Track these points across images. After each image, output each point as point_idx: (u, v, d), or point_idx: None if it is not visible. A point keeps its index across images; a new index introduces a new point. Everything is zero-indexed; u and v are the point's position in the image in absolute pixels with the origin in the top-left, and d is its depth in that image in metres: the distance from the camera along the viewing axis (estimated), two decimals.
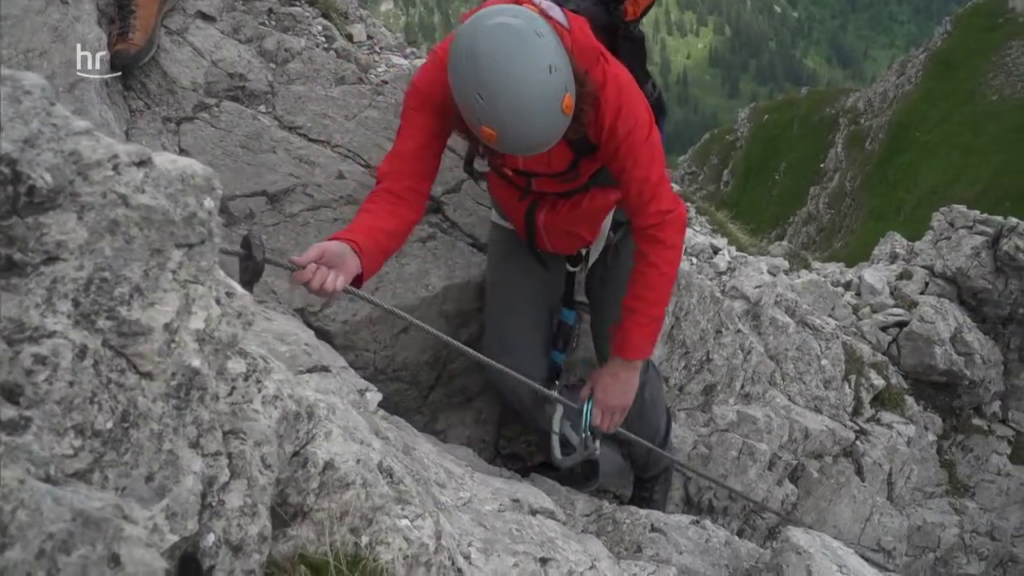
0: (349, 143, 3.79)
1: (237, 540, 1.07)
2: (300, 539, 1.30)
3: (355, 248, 2.66)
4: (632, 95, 2.95)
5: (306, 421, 1.33)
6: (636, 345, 3.28)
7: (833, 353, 6.35)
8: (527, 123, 2.63)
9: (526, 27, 2.55)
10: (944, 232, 8.63)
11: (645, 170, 3.01)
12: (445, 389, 4.08)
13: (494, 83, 2.54)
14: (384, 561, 1.39)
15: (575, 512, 3.52)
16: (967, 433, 8.35)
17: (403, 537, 1.51)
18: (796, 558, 3.10)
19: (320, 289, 2.48)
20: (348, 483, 1.39)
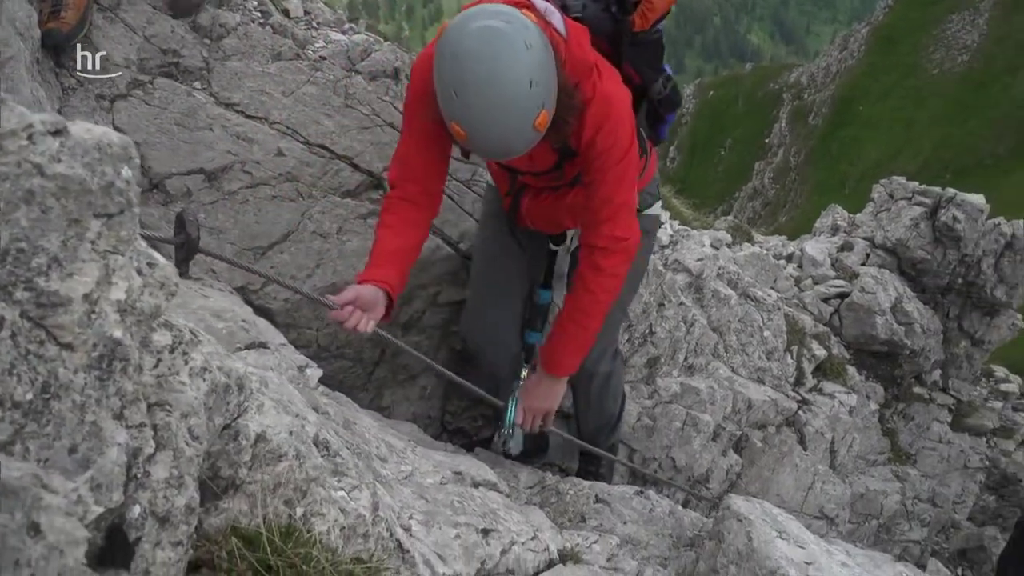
0: (287, 120, 3.76)
1: (163, 511, 1.07)
2: (233, 512, 1.30)
3: (388, 291, 2.88)
4: (617, 115, 2.96)
5: (236, 393, 1.32)
6: (564, 364, 3.38)
7: (775, 324, 6.44)
8: (496, 131, 2.64)
9: (516, 36, 2.52)
10: (884, 204, 8.78)
11: (611, 190, 3.04)
12: (389, 366, 4.08)
13: (471, 85, 2.53)
14: (319, 532, 1.40)
15: (519, 484, 3.55)
16: (908, 402, 8.53)
17: (339, 509, 1.52)
18: (737, 525, 3.16)
19: (353, 330, 2.75)
20: (281, 455, 1.39)
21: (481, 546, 2.24)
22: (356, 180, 3.77)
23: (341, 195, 3.74)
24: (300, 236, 3.61)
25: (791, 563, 2.99)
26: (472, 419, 4.53)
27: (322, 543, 1.36)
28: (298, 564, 1.24)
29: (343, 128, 3.82)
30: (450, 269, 3.98)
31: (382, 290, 2.86)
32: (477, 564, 2.17)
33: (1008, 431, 9.65)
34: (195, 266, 3.11)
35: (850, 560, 3.33)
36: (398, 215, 3.02)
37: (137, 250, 1.03)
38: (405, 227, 3.03)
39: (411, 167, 3.06)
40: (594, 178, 3.04)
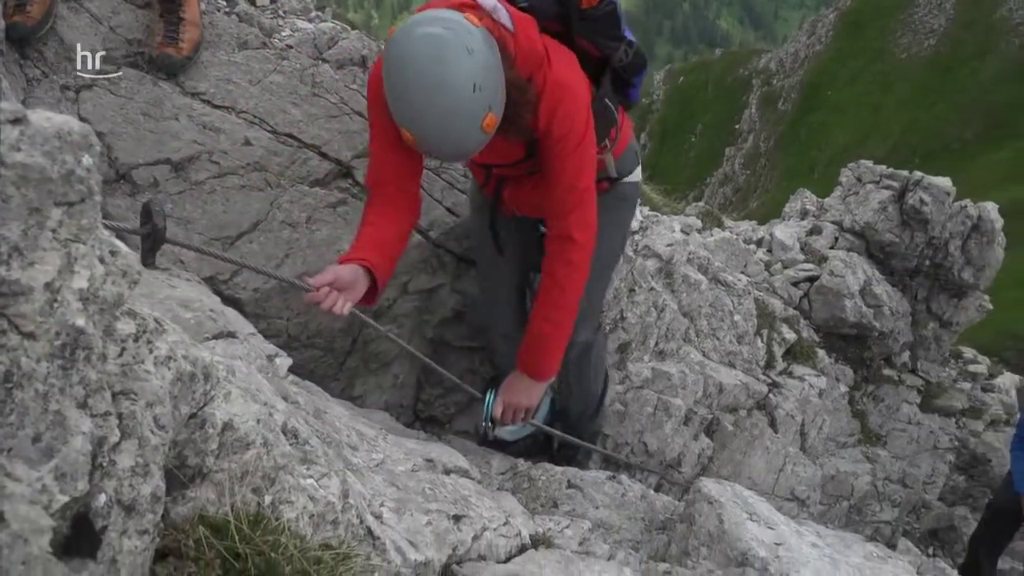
0: (254, 109, 3.74)
1: (129, 500, 1.07)
2: (200, 500, 1.30)
3: (368, 267, 2.87)
4: (571, 99, 2.99)
5: (203, 382, 1.32)
6: (544, 368, 3.42)
7: (745, 309, 6.48)
8: (444, 136, 2.70)
9: (456, 42, 2.57)
10: (852, 188, 8.85)
11: (573, 177, 3.08)
12: (361, 355, 4.08)
13: (415, 92, 2.60)
14: (287, 520, 1.40)
15: (491, 471, 3.56)
16: (878, 383, 8.61)
17: (308, 496, 1.52)
18: (708, 507, 3.19)
19: (329, 311, 2.72)
20: (248, 443, 1.39)
21: (453, 532, 2.25)
22: (325, 169, 3.76)
23: (310, 184, 3.73)
24: (269, 226, 3.60)
25: (761, 544, 3.03)
26: (445, 407, 4.54)
27: (290, 530, 1.36)
28: (266, 551, 1.25)
29: (311, 117, 3.81)
30: (421, 257, 3.98)
31: (362, 269, 2.86)
32: (449, 550, 2.18)
33: (977, 411, 9.78)
34: (163, 257, 3.10)
35: (820, 541, 3.37)
36: (378, 214, 3.07)
37: (99, 239, 1.03)
38: (386, 223, 3.05)
39: (382, 170, 3.10)
40: (554, 166, 3.07)
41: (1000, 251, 8.40)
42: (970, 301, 8.73)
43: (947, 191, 8.11)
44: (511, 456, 4.01)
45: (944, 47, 59.77)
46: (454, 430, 4.56)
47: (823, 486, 6.98)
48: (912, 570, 3.45)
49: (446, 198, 3.99)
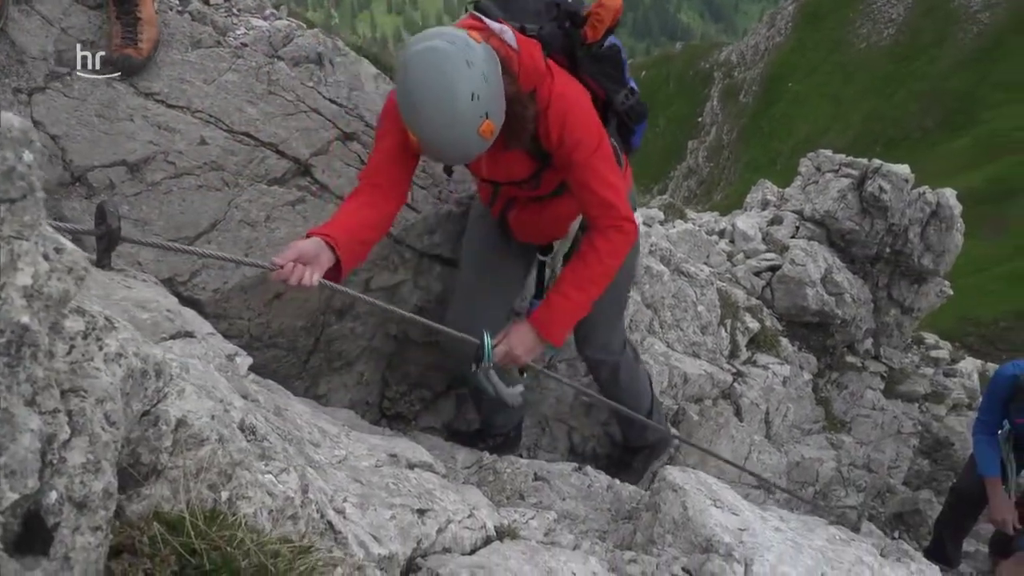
0: (210, 108, 3.72)
1: (81, 497, 1.07)
2: (155, 498, 1.30)
3: (330, 243, 2.95)
4: (578, 107, 3.25)
5: (155, 379, 1.32)
6: (557, 331, 3.50)
7: (708, 299, 6.53)
8: (443, 139, 2.94)
9: (457, 55, 2.82)
10: (812, 177, 8.93)
11: (603, 179, 3.30)
12: (324, 354, 4.07)
13: (417, 102, 2.85)
14: (245, 515, 1.41)
15: (456, 465, 3.57)
16: (841, 371, 8.70)
17: (266, 492, 1.53)
18: (672, 495, 3.22)
19: (298, 284, 2.79)
20: (203, 439, 1.39)
21: (417, 526, 2.25)
22: (283, 167, 3.75)
23: (268, 183, 3.71)
24: (227, 225, 3.58)
25: (725, 530, 3.06)
26: (410, 404, 4.54)
27: (247, 525, 1.37)
28: (222, 546, 1.25)
29: (267, 115, 3.79)
30: (381, 254, 3.98)
31: (324, 242, 2.94)
32: (413, 543, 2.19)
33: (939, 396, 9.89)
34: (120, 259, 3.09)
35: (784, 525, 3.40)
36: (359, 196, 3.23)
37: (43, 235, 1.03)
38: (363, 205, 3.20)
39: (379, 165, 3.29)
40: (577, 178, 3.29)
41: (959, 237, 8.51)
42: (930, 287, 8.84)
43: (906, 178, 8.21)
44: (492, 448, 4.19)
45: (903, 36, 60.48)
46: (420, 427, 4.56)
47: (788, 473, 7.04)
48: (875, 552, 3.50)
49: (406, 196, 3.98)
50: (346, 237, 3.02)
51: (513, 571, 2.29)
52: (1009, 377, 5.96)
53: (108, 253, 2.27)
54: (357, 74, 4.06)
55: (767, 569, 2.91)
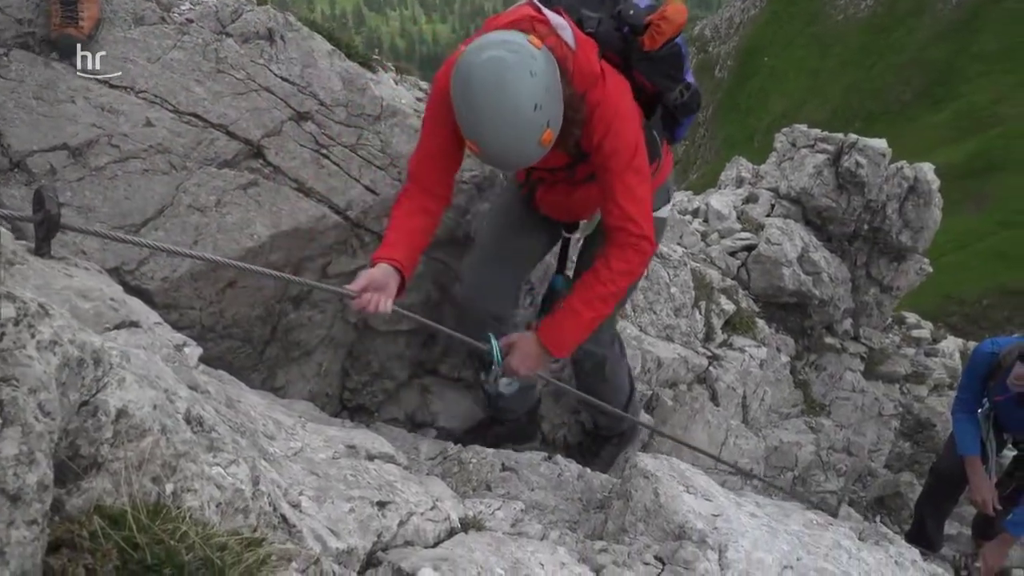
0: (155, 88, 3.68)
1: (14, 489, 1.06)
2: (96, 491, 1.30)
3: (397, 267, 3.21)
4: (623, 119, 3.32)
5: (93, 368, 1.32)
6: (566, 347, 3.65)
7: (682, 281, 6.56)
8: (505, 150, 3.05)
9: (521, 65, 2.90)
10: (787, 153, 8.98)
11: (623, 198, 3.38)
12: (281, 344, 4.06)
13: (480, 111, 2.94)
14: (190, 508, 1.40)
15: (419, 456, 3.58)
16: (820, 352, 8.78)
17: (214, 484, 1.52)
18: (644, 482, 3.24)
19: (375, 312, 3.08)
20: (145, 430, 1.39)
21: (377, 519, 2.26)
22: (233, 149, 3.72)
23: (218, 166, 3.68)
24: (175, 211, 3.55)
25: (698, 516, 3.09)
26: (373, 395, 4.54)
27: (193, 519, 1.36)
28: (166, 540, 1.25)
29: (215, 95, 3.76)
30: (340, 239, 3.97)
31: (392, 267, 3.19)
32: (374, 537, 2.20)
33: (920, 376, 10.01)
34: (63, 247, 3.05)
35: (759, 511, 3.44)
36: (413, 200, 3.42)
37: None
38: (417, 211, 3.40)
39: (431, 161, 3.45)
40: (607, 183, 3.38)
41: (937, 212, 8.59)
42: (910, 264, 8.92)
43: (882, 152, 8.27)
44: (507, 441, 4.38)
45: (880, 7, 60.85)
46: (383, 418, 4.56)
47: (766, 458, 7.10)
48: (853, 535, 3.54)
49: (364, 175, 3.97)
50: (407, 255, 3.29)
51: (478, 563, 2.30)
52: (988, 354, 6.03)
53: (47, 241, 2.25)
54: (310, 50, 4.03)
55: (741, 555, 2.94)
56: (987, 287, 35.38)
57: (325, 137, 3.88)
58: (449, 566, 2.19)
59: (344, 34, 4.55)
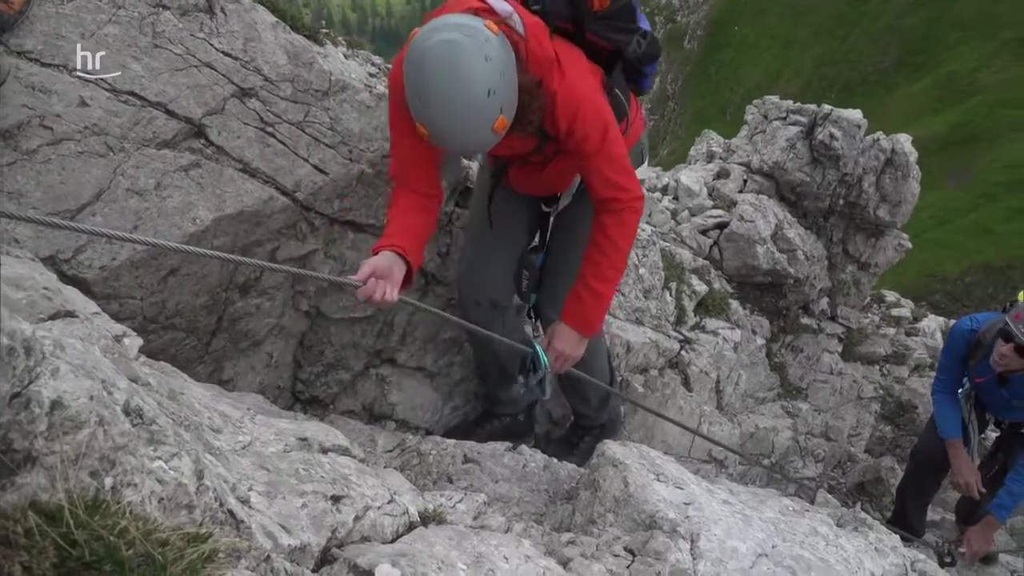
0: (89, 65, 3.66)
1: None
2: (31, 487, 1.30)
3: (401, 253, 3.30)
4: (587, 102, 3.40)
5: (24, 358, 1.32)
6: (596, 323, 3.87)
7: (651, 261, 6.59)
8: (457, 134, 3.10)
9: (475, 50, 2.94)
10: (759, 126, 9.03)
11: (607, 171, 3.52)
12: (228, 334, 4.05)
13: (433, 94, 2.98)
14: (130, 503, 1.41)
15: (376, 449, 3.59)
16: (796, 333, 8.85)
17: (156, 479, 1.53)
18: (613, 471, 3.27)
19: (381, 301, 3.16)
20: (81, 422, 1.39)
21: (331, 514, 2.26)
22: (173, 129, 3.70)
23: (157, 146, 3.66)
24: (113, 195, 3.53)
25: (670, 505, 3.12)
26: (327, 386, 4.54)
27: (133, 514, 1.37)
28: (105, 536, 1.25)
29: (153, 71, 3.73)
30: (288, 222, 3.96)
31: (396, 254, 3.28)
32: (328, 533, 2.20)
33: (901, 357, 10.12)
34: None
35: (733, 498, 3.48)
36: (404, 198, 3.51)
37: None
38: (414, 208, 3.51)
39: (403, 158, 3.55)
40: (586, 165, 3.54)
41: (916, 185, 8.66)
42: (888, 240, 9.00)
43: (858, 124, 8.33)
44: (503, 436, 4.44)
45: None
46: (339, 410, 4.56)
47: (742, 445, 7.17)
48: (831, 522, 3.59)
49: (312, 154, 3.96)
50: (412, 244, 3.37)
51: (439, 558, 2.31)
52: (966, 332, 6.11)
53: None
54: (253, 23, 4.00)
55: (714, 544, 2.98)
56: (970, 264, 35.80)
57: (270, 114, 3.87)
58: (408, 562, 2.19)
59: (289, 6, 4.52)
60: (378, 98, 4.13)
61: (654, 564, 2.81)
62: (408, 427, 4.61)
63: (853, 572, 3.16)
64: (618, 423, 5.20)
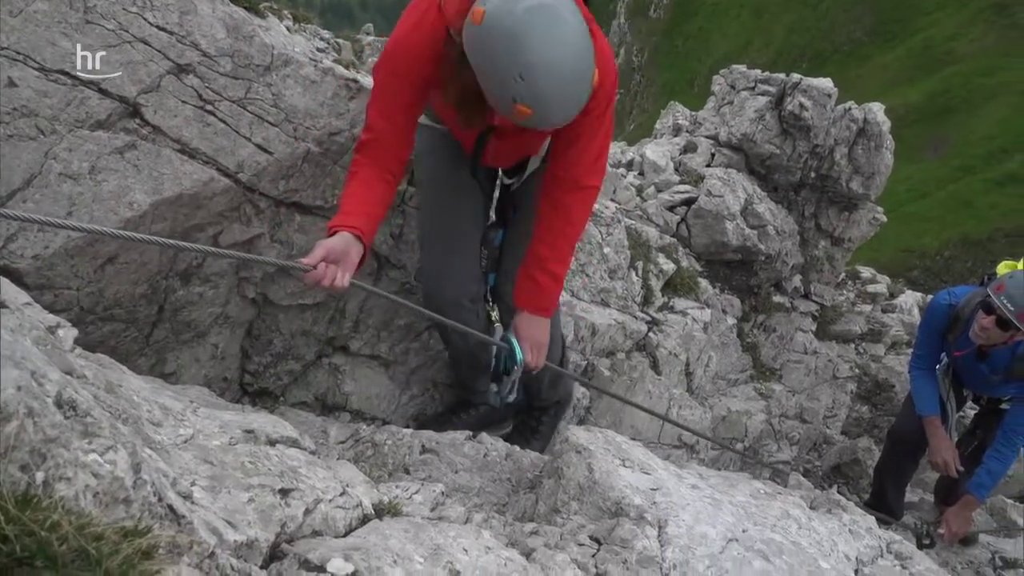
0: (16, 44, 3.61)
1: None
2: None
3: (358, 234, 3.28)
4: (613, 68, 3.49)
5: None
6: (554, 304, 3.99)
7: (616, 239, 6.61)
8: (567, 100, 3.08)
9: (564, 7, 2.93)
10: (726, 97, 9.07)
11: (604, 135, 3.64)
12: (170, 325, 4.03)
13: (539, 66, 2.90)
14: (63, 497, 1.41)
15: (328, 440, 3.59)
16: (768, 312, 8.91)
17: (90, 473, 1.53)
18: (576, 458, 3.29)
19: (331, 286, 3.15)
20: (9, 414, 1.39)
21: (280, 508, 2.26)
22: (106, 108, 3.67)
23: (90, 128, 3.63)
24: (45, 180, 3.50)
25: (636, 491, 3.15)
26: (276, 377, 4.53)
27: (67, 508, 1.37)
28: (37, 531, 1.25)
29: (86, 48, 3.70)
30: (231, 204, 3.94)
31: (353, 236, 3.26)
32: (277, 527, 2.20)
33: (877, 334, 10.22)
34: None
35: (702, 483, 3.51)
36: (369, 169, 3.48)
37: None
38: (375, 180, 3.48)
39: (387, 132, 3.50)
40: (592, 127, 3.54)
41: (889, 156, 8.74)
42: (861, 214, 9.08)
43: (828, 93, 8.38)
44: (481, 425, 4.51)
45: None
46: (290, 402, 4.56)
47: (714, 429, 7.22)
48: (803, 504, 3.63)
49: (255, 133, 3.94)
50: (368, 224, 3.34)
51: (394, 551, 2.32)
52: (944, 307, 6.19)
53: None
54: None
55: (683, 530, 3.01)
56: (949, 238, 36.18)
57: (209, 92, 3.84)
58: (362, 555, 2.20)
59: None
60: (323, 72, 4.11)
61: (620, 552, 2.83)
62: (364, 418, 4.61)
63: (826, 555, 3.20)
64: (572, 395, 5.21)
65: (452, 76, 3.27)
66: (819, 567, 3.05)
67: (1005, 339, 5.71)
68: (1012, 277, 5.60)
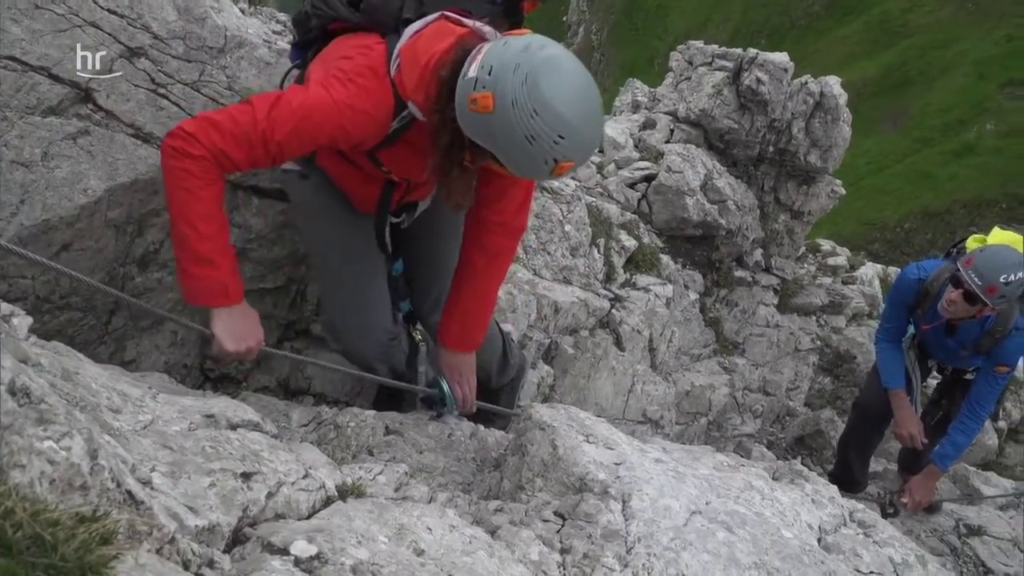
0: None
1: None
2: None
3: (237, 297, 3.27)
4: None
5: None
6: (478, 340, 3.99)
7: (577, 217, 6.62)
8: (599, 129, 3.19)
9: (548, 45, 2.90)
10: (684, 73, 9.09)
11: (528, 184, 3.66)
12: (129, 312, 4.00)
13: (577, 117, 2.85)
14: (18, 484, 1.40)
15: (290, 423, 3.58)
16: (730, 287, 8.97)
17: (46, 459, 1.51)
18: (540, 434, 3.29)
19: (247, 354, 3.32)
20: None
21: (242, 492, 2.26)
22: (58, 94, 3.63)
23: (42, 114, 3.60)
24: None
25: (600, 467, 3.16)
26: (239, 363, 4.50)
27: (21, 495, 1.36)
28: None
29: (35, 34, 3.65)
30: None
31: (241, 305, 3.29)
32: (239, 512, 2.20)
33: (838, 306, 10.31)
34: None
35: (665, 456, 3.53)
36: (217, 189, 3.18)
37: None
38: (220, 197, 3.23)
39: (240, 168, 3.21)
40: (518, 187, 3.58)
41: (847, 129, 8.79)
42: (820, 187, 9.14)
43: (784, 67, 8.41)
44: None
45: None
46: (252, 388, 4.54)
47: (678, 404, 7.27)
48: (766, 475, 3.66)
49: None
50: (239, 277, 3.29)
51: (358, 532, 2.32)
52: (914, 281, 6.25)
53: None
54: None
55: (647, 503, 3.02)
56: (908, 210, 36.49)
57: (162, 75, 3.81)
58: (326, 537, 2.20)
59: None
60: (278, 54, 4.09)
61: (585, 527, 2.85)
62: (327, 401, 4.60)
63: (789, 524, 3.23)
64: (526, 366, 5.13)
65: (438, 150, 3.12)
66: (782, 536, 3.08)
67: (972, 313, 5.76)
68: (982, 251, 5.65)
